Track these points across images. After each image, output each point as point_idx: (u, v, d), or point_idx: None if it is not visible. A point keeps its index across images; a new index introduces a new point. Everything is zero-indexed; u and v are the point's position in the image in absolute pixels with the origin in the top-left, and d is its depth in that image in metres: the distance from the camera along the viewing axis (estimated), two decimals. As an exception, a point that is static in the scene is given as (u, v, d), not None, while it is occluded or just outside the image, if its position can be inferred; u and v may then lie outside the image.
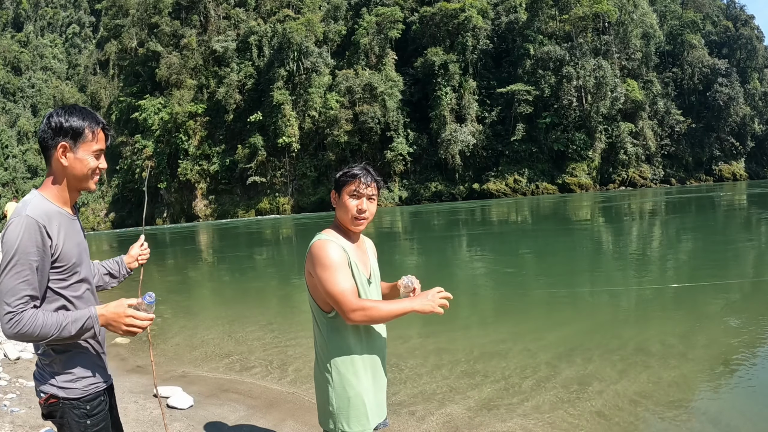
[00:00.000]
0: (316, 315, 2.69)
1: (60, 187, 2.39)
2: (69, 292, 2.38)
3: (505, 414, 5.24)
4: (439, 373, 6.55)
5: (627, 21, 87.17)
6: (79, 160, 2.36)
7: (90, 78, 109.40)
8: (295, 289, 14.16)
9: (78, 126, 2.34)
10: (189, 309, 12.23)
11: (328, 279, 2.51)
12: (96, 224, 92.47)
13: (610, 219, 29.43)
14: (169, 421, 5.33)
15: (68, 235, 2.37)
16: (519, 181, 78.14)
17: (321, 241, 2.61)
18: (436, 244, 22.99)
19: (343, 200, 2.68)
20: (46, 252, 2.25)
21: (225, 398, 6.12)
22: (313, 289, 2.64)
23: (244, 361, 7.59)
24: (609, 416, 5.07)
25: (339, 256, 2.57)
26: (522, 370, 6.44)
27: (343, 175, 2.71)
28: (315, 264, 2.56)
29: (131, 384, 6.67)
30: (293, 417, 5.46)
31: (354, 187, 2.67)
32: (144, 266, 3.06)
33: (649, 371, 6.20)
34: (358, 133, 79.55)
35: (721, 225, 22.90)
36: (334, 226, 2.75)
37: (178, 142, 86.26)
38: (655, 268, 13.12)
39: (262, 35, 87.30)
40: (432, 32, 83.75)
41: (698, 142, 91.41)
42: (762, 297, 9.75)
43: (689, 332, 7.79)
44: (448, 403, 5.60)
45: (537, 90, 79.05)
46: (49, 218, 2.29)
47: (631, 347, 7.12)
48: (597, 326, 8.55)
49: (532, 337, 8.00)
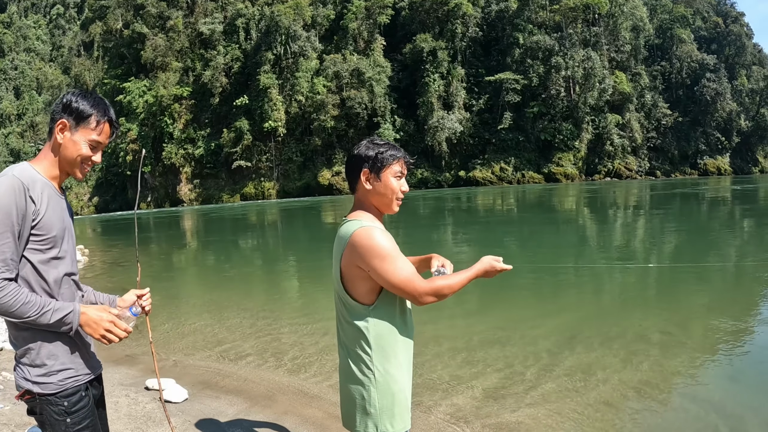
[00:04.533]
0: (352, 310, 2.45)
1: (50, 163, 2.31)
2: (43, 266, 2.22)
3: (513, 403, 5.14)
4: (440, 361, 6.44)
5: (617, 13, 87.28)
6: (74, 142, 2.29)
7: (74, 60, 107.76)
8: (284, 275, 14.01)
9: (85, 110, 2.29)
10: (176, 295, 11.99)
11: (388, 268, 2.33)
12: (79, 208, 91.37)
13: (598, 209, 29.51)
14: (163, 416, 5.01)
15: (52, 206, 2.25)
16: (505, 170, 78.27)
17: (365, 228, 2.38)
18: (424, 231, 22.85)
19: (385, 181, 2.49)
20: (27, 216, 2.14)
21: (221, 390, 5.86)
22: (353, 281, 2.42)
23: (238, 349, 7.38)
24: (616, 405, 5.06)
25: (391, 242, 2.39)
26: (524, 359, 6.36)
27: (382, 154, 2.49)
28: (368, 255, 2.34)
29: (121, 376, 6.36)
30: (294, 410, 5.25)
31: (399, 168, 2.51)
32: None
33: (651, 360, 6.22)
34: (344, 119, 79.14)
35: (705, 216, 23.08)
36: (363, 209, 2.54)
37: (163, 125, 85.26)
38: (643, 254, 13.10)
39: (250, 18, 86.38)
40: (421, 18, 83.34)
41: (684, 135, 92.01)
42: (755, 285, 9.77)
43: (686, 320, 7.87)
44: (453, 392, 5.49)
45: (525, 79, 79.06)
46: (34, 183, 2.19)
47: (630, 335, 7.13)
48: (593, 314, 8.57)
49: (531, 324, 7.95)
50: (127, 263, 17.50)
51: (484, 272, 2.51)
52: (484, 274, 2.51)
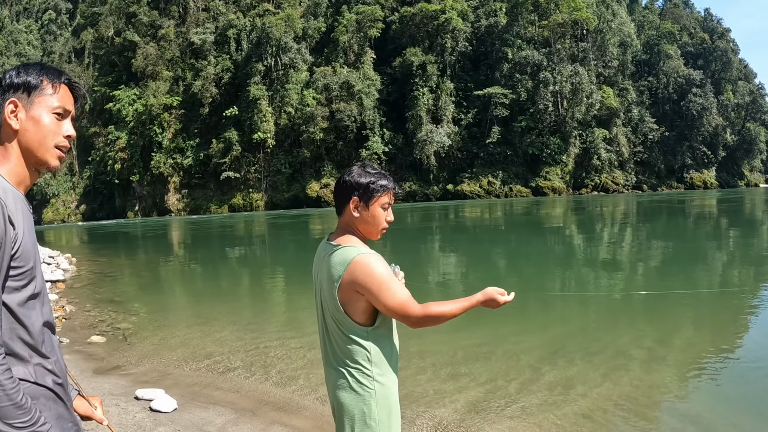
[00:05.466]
0: (351, 331, 2.52)
1: (15, 162, 1.73)
2: (22, 310, 1.65)
3: (494, 416, 5.26)
4: (423, 375, 6.55)
5: (605, 29, 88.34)
6: (33, 120, 1.73)
7: (65, 66, 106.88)
8: (270, 289, 14.10)
9: (31, 79, 1.75)
10: (164, 307, 12.04)
11: (386, 294, 2.42)
12: (66, 216, 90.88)
13: (584, 224, 29.73)
14: (153, 426, 5.19)
15: (27, 226, 1.70)
16: (493, 183, 78.71)
17: (364, 256, 2.47)
18: (412, 244, 22.98)
19: (373, 212, 2.56)
20: (6, 246, 1.59)
21: (209, 400, 5.98)
22: (352, 304, 2.50)
23: (227, 362, 7.46)
24: (594, 418, 5.16)
25: (387, 268, 2.48)
26: (506, 373, 6.48)
27: (373, 184, 2.55)
28: (366, 282, 2.43)
29: (111, 386, 6.46)
30: (281, 420, 5.38)
31: (387, 199, 2.59)
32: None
33: (631, 374, 6.33)
34: (333, 131, 79.37)
35: (691, 232, 23.32)
36: (352, 234, 2.60)
37: (152, 134, 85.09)
38: (629, 273, 13.28)
39: (241, 29, 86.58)
40: (411, 32, 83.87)
41: (671, 150, 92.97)
42: (733, 303, 9.95)
43: (665, 336, 7.98)
44: (435, 405, 5.60)
45: (513, 94, 79.72)
46: (6, 195, 1.63)
47: (611, 351, 7.23)
48: (577, 330, 8.67)
49: (515, 340, 8.06)
50: (115, 274, 17.52)
51: (484, 303, 2.53)
52: (485, 304, 2.53)
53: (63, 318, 10.58)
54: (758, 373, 6.26)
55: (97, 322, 10.21)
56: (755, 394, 5.74)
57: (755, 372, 6.32)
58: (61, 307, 11.55)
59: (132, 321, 10.29)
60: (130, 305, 12.04)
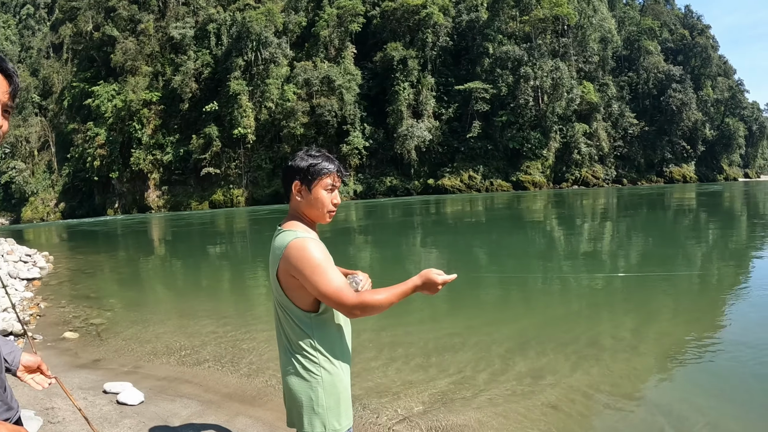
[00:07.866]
0: (295, 316, 2.50)
1: None
2: None
3: (459, 407, 5.26)
4: (393, 366, 6.53)
5: (586, 25, 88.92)
6: None
7: (43, 61, 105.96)
8: (248, 283, 14.03)
9: None
10: (140, 302, 11.92)
11: (320, 280, 2.37)
12: (45, 214, 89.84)
13: (564, 216, 29.87)
14: (119, 418, 5.16)
15: None
16: (474, 178, 78.91)
17: (299, 240, 2.43)
18: (391, 238, 22.99)
19: (316, 194, 2.54)
20: None
21: (177, 393, 5.96)
22: (292, 290, 2.47)
23: (197, 354, 7.43)
24: (562, 408, 5.15)
25: (324, 253, 2.43)
26: (476, 364, 6.49)
27: (314, 167, 2.54)
28: (300, 266, 2.39)
29: (80, 380, 6.43)
30: (246, 412, 5.36)
31: (330, 181, 2.56)
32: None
33: (601, 364, 6.34)
34: (314, 126, 79.03)
35: (670, 223, 23.51)
36: (297, 219, 2.59)
37: (132, 130, 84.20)
38: (605, 263, 13.35)
39: (221, 23, 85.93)
40: (392, 27, 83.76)
41: (650, 144, 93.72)
42: (707, 290, 10.05)
43: (640, 326, 8.02)
44: (402, 396, 5.59)
45: (494, 88, 79.96)
46: None
47: (583, 341, 7.25)
48: (550, 320, 8.67)
49: (487, 331, 8.06)
50: (92, 271, 17.34)
51: (422, 286, 2.43)
52: (423, 288, 2.43)
53: (37, 315, 10.46)
54: (731, 363, 6.25)
55: (71, 318, 10.11)
56: (727, 382, 5.73)
57: (728, 361, 6.31)
58: (36, 304, 11.43)
59: (106, 316, 10.20)
60: (105, 301, 11.94)
